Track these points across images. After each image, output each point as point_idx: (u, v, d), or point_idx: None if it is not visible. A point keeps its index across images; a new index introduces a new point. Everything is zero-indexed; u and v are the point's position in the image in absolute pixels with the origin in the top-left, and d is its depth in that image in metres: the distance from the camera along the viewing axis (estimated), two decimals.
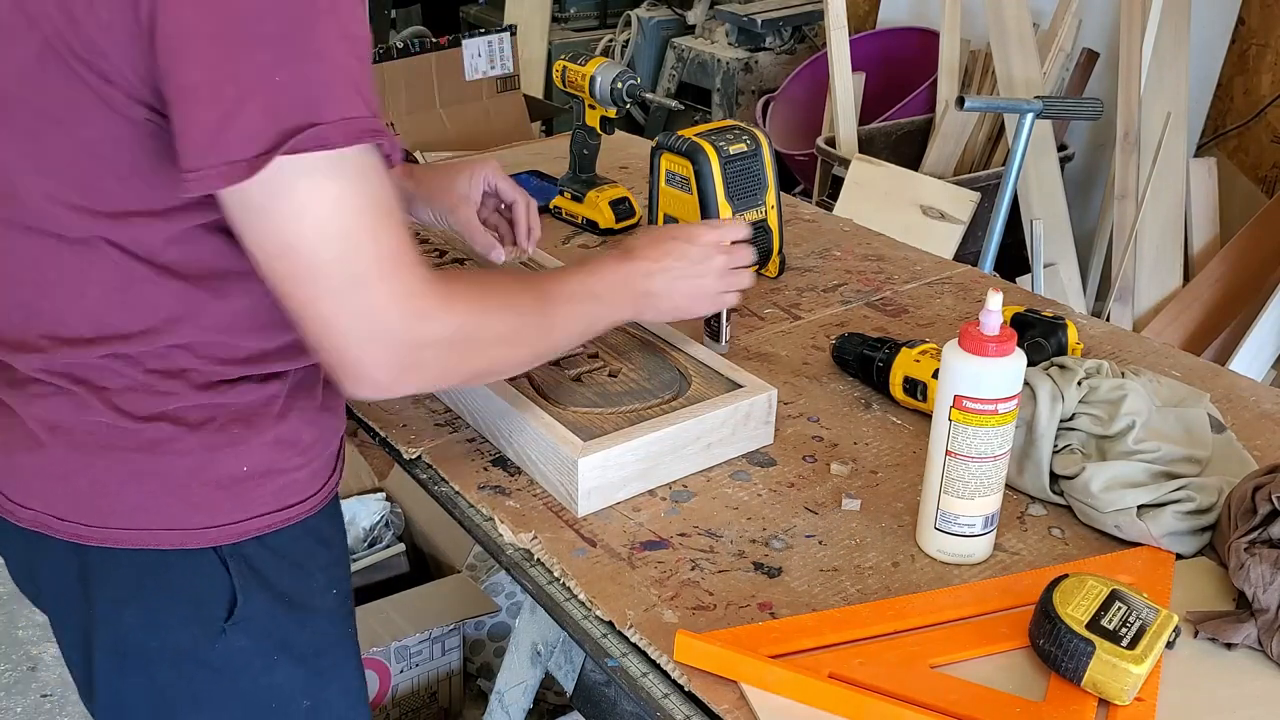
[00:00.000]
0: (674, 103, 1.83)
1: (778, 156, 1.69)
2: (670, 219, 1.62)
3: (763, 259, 1.64)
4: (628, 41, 4.26)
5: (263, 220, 0.85)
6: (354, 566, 2.10)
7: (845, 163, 3.02)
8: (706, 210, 1.56)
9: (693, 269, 1.20)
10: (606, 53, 4.23)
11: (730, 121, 1.65)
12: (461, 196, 1.41)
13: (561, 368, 1.29)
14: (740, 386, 1.26)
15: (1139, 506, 1.11)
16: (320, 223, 0.86)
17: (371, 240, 0.88)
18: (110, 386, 0.95)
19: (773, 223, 1.62)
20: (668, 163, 1.59)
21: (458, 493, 1.22)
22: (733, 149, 1.56)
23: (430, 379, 0.99)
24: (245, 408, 0.99)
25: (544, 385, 1.26)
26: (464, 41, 2.93)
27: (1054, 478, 1.18)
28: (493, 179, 1.43)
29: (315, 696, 1.10)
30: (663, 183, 1.61)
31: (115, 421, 0.95)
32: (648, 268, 1.18)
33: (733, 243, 1.25)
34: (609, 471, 1.16)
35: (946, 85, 3.17)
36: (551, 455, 1.17)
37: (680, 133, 1.58)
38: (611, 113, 1.78)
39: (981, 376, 1.03)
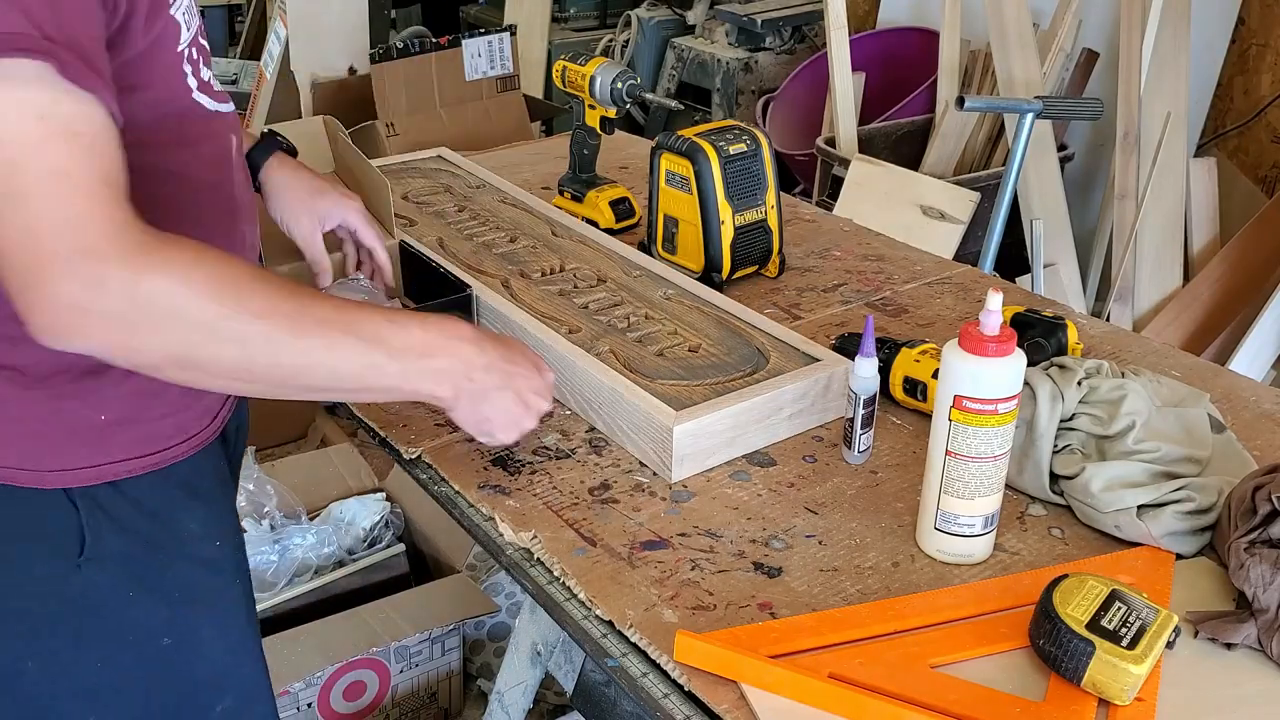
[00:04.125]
0: (674, 103, 1.83)
1: (778, 156, 1.69)
2: (670, 219, 1.62)
3: (763, 259, 1.64)
4: (628, 41, 4.26)
5: None
6: (354, 567, 2.10)
7: (845, 163, 3.02)
8: (706, 210, 1.56)
9: (525, 397, 1.11)
10: (606, 53, 4.23)
11: (730, 121, 1.65)
12: (310, 211, 1.37)
13: (643, 344, 1.36)
14: (817, 360, 1.32)
15: (1139, 506, 1.11)
16: None
17: (39, 155, 0.81)
18: None
19: (773, 223, 1.62)
20: (668, 163, 1.59)
21: (458, 493, 1.22)
22: (733, 149, 1.56)
23: (92, 339, 0.87)
24: (95, 364, 0.96)
25: (629, 360, 1.32)
26: (464, 41, 2.93)
27: (1054, 478, 1.18)
28: (353, 223, 1.41)
29: (179, 636, 1.11)
30: (663, 183, 1.61)
31: None
32: (501, 367, 1.08)
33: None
34: (700, 439, 1.22)
35: (946, 85, 3.17)
36: (645, 425, 1.22)
37: (680, 133, 1.58)
38: (611, 113, 1.78)
39: (981, 376, 1.03)
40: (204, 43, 1.06)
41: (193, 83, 1.03)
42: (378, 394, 1.05)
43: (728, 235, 1.57)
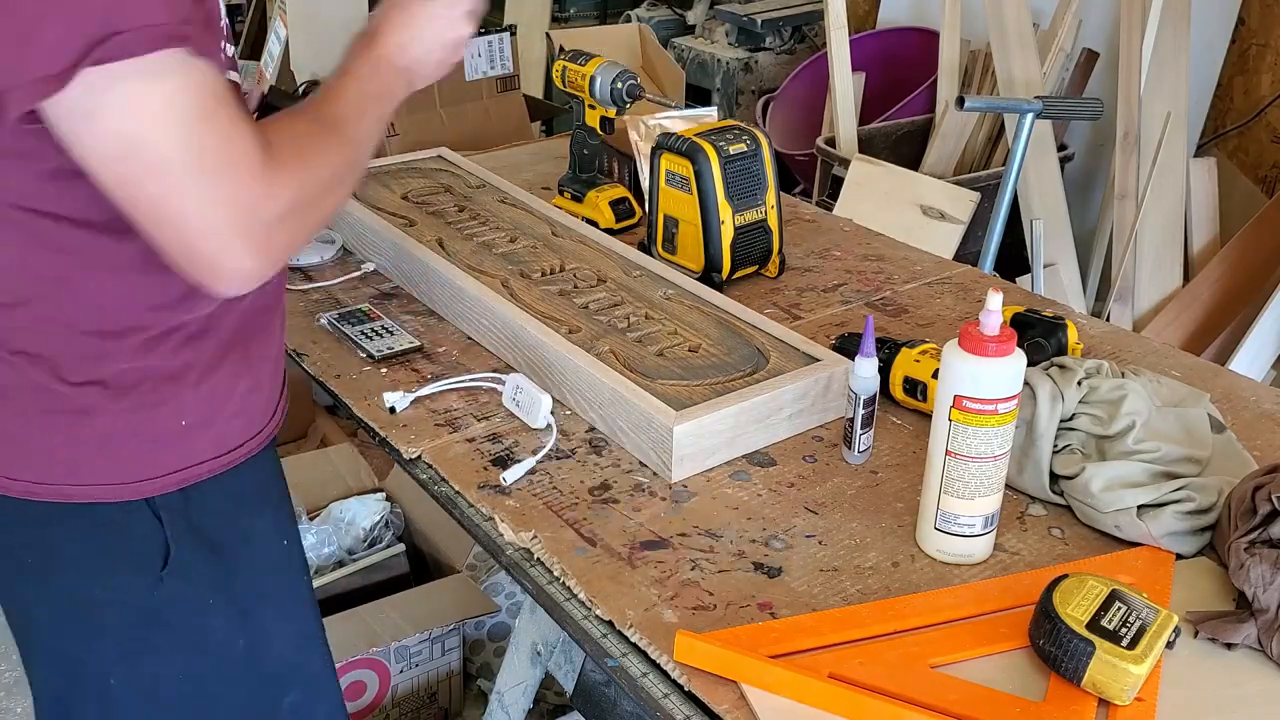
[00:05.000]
0: (674, 102, 1.83)
1: (778, 156, 1.69)
2: (671, 219, 1.62)
3: (763, 259, 1.64)
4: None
5: (92, 125, 0.86)
6: (354, 567, 2.10)
7: (845, 163, 3.02)
8: (706, 210, 1.56)
9: (442, 23, 1.16)
10: None
11: (730, 121, 1.65)
12: None
13: (643, 344, 1.35)
14: (817, 360, 1.32)
15: (1139, 506, 1.11)
16: (155, 116, 0.86)
17: (211, 127, 0.88)
18: (44, 353, 0.98)
19: (773, 223, 1.62)
20: (668, 162, 1.59)
21: (458, 493, 1.22)
22: (733, 149, 1.56)
23: (287, 251, 0.97)
24: (176, 369, 1.02)
25: (629, 360, 1.32)
26: None
27: (1054, 478, 1.18)
28: None
29: (251, 638, 1.14)
30: (663, 182, 1.61)
31: (52, 385, 0.99)
32: (400, 41, 1.13)
33: None
34: (701, 439, 1.22)
35: (946, 85, 3.17)
36: (645, 425, 1.22)
37: (680, 133, 1.58)
38: (611, 113, 1.78)
39: (981, 376, 1.03)
40: (226, 20, 1.10)
41: (224, 58, 1.05)
42: (387, 123, 1.14)
43: (728, 235, 1.57)
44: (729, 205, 1.56)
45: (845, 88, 3.14)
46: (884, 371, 1.33)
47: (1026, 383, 1.15)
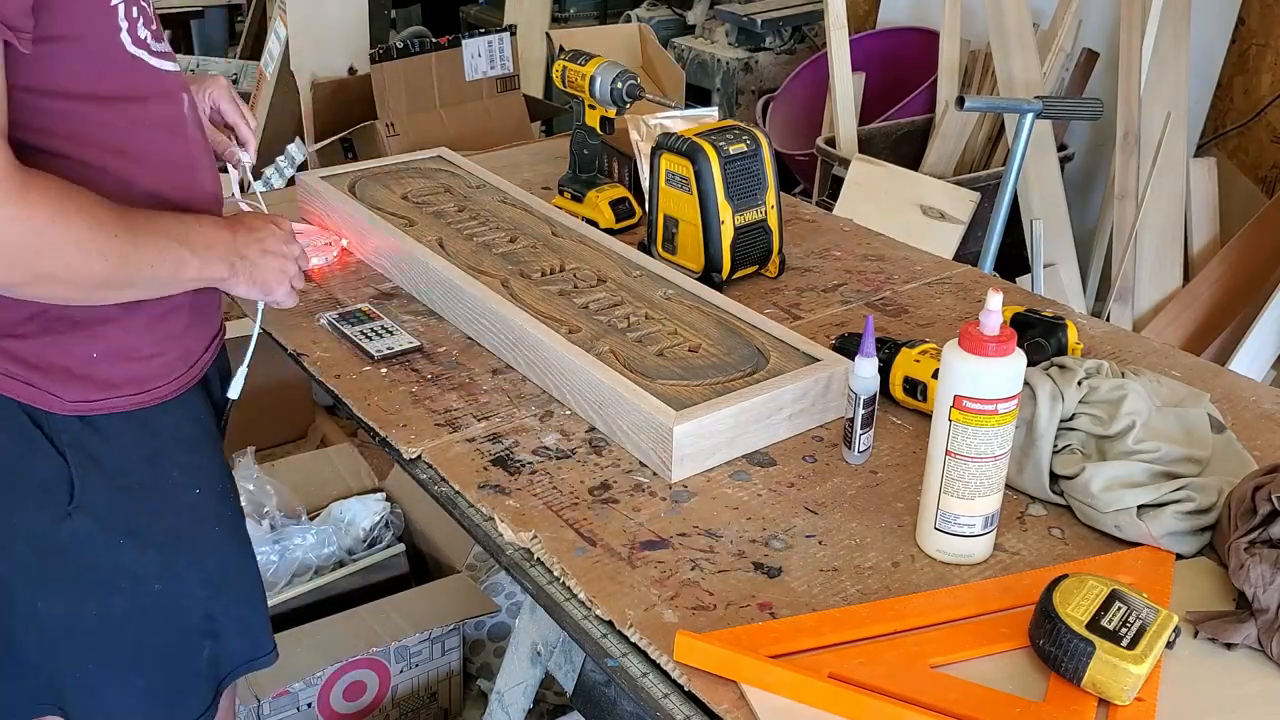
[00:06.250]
0: (673, 102, 1.83)
1: (778, 156, 1.69)
2: (671, 219, 1.62)
3: (763, 259, 1.64)
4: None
5: None
6: (354, 567, 2.10)
7: (845, 163, 3.02)
8: (706, 210, 1.55)
9: (283, 247, 1.23)
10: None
11: (730, 121, 1.65)
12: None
13: (643, 344, 1.36)
14: (817, 360, 1.32)
15: (1139, 506, 1.11)
16: None
17: None
18: None
19: (773, 223, 1.62)
20: (668, 163, 1.59)
21: (458, 493, 1.22)
22: (733, 149, 1.56)
23: None
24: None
25: (629, 360, 1.32)
26: (464, 41, 2.93)
27: (1054, 478, 1.18)
28: (218, 98, 1.45)
29: (167, 582, 1.19)
30: (663, 183, 1.61)
31: None
32: (248, 238, 1.19)
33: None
34: (701, 439, 1.22)
35: (946, 85, 3.17)
36: (645, 425, 1.22)
37: (680, 133, 1.58)
38: (611, 112, 1.78)
39: (981, 376, 1.03)
40: (145, 5, 1.12)
41: (127, 38, 1.08)
42: (185, 284, 1.14)
43: (728, 235, 1.57)
44: (729, 205, 1.56)
45: (845, 88, 3.14)
46: (884, 371, 1.33)
47: (1026, 383, 1.15)
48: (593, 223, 1.77)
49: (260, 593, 1.35)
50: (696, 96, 4.04)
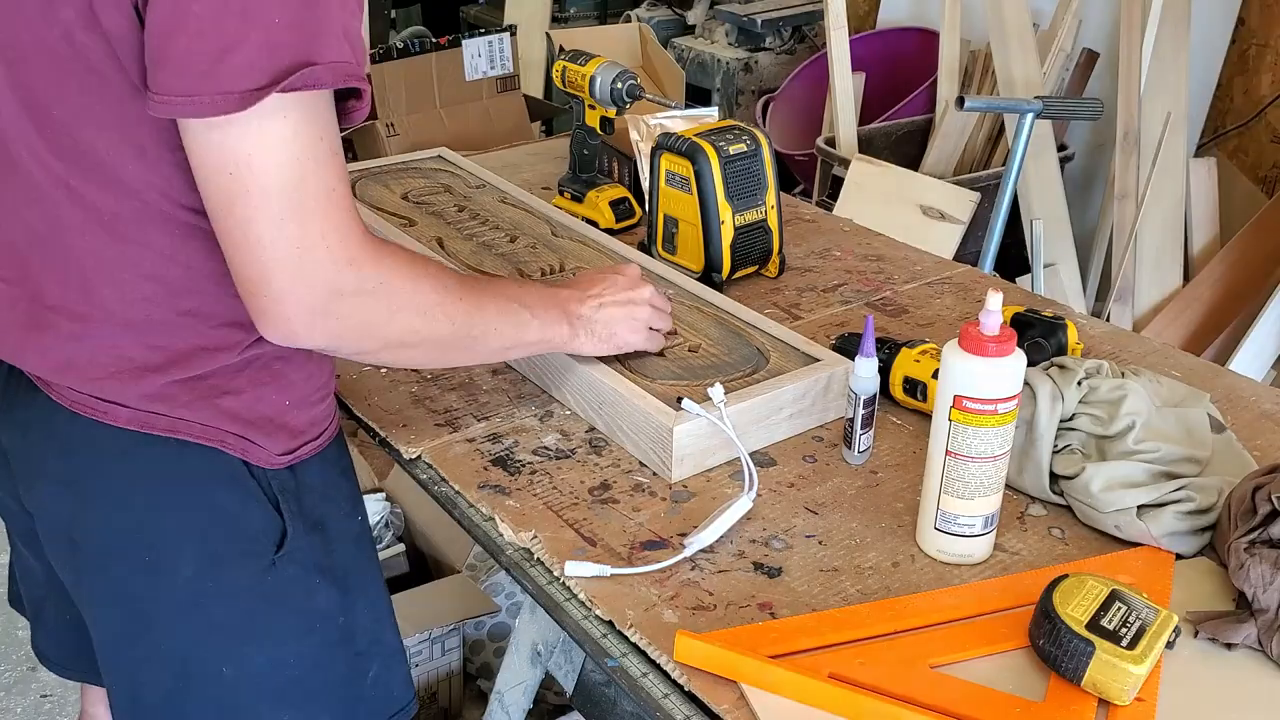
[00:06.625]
0: (674, 102, 1.83)
1: (778, 156, 1.69)
2: (671, 219, 1.62)
3: (762, 259, 1.64)
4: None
5: (226, 139, 0.88)
6: None
7: (845, 163, 3.02)
8: (706, 210, 1.55)
9: (623, 295, 1.26)
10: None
11: (730, 121, 1.65)
12: None
13: None
14: (817, 360, 1.32)
15: (1139, 506, 1.11)
16: (278, 145, 0.89)
17: (318, 173, 0.91)
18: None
19: (773, 223, 1.62)
20: (668, 163, 1.59)
21: (458, 493, 1.22)
22: (733, 149, 1.56)
23: (343, 332, 0.98)
24: (285, 351, 1.05)
25: (629, 360, 1.32)
26: (464, 41, 2.93)
27: (1054, 478, 1.18)
28: None
29: (348, 614, 1.17)
30: (663, 183, 1.61)
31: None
32: (579, 295, 1.23)
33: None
34: (700, 440, 1.21)
35: (946, 85, 3.17)
36: (644, 425, 1.23)
37: (680, 133, 1.58)
38: (611, 113, 1.78)
39: (981, 376, 1.03)
40: None
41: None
42: (520, 349, 1.19)
43: (728, 235, 1.57)
44: (729, 205, 1.56)
45: (845, 88, 3.14)
46: (884, 371, 1.33)
47: (1026, 383, 1.15)
48: (592, 223, 1.77)
49: (394, 613, 1.29)
50: (696, 96, 4.04)
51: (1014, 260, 2.97)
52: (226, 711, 1.12)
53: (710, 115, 1.90)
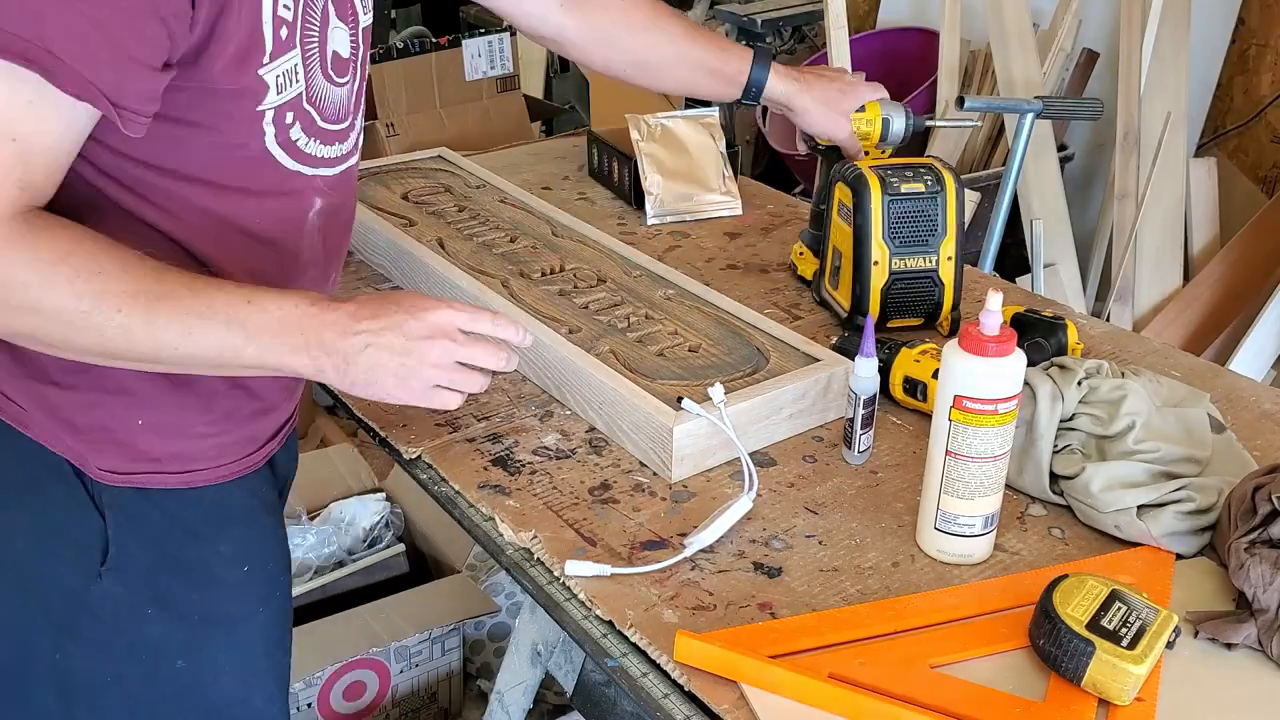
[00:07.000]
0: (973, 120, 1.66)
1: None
2: (837, 252, 1.49)
3: (930, 314, 1.48)
4: None
5: None
6: (354, 567, 2.10)
7: None
8: (860, 246, 1.43)
9: (400, 341, 0.99)
10: None
11: (927, 159, 1.48)
12: (844, 115, 1.56)
13: (643, 344, 1.36)
14: (817, 360, 1.32)
15: (1139, 506, 1.11)
16: None
17: None
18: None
19: (946, 275, 1.44)
20: (840, 193, 1.47)
21: (458, 493, 1.22)
22: (905, 187, 1.42)
23: None
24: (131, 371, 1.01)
25: (629, 360, 1.32)
26: (464, 41, 2.93)
27: (1054, 478, 1.18)
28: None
29: (193, 660, 1.11)
30: (835, 215, 1.49)
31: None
32: (352, 326, 0.98)
33: (477, 336, 1.04)
34: (700, 440, 1.21)
35: (946, 85, 3.17)
36: (645, 425, 1.22)
37: (856, 163, 1.47)
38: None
39: (981, 376, 1.03)
40: (310, 110, 1.03)
41: (270, 139, 1.00)
42: (240, 370, 0.99)
43: (879, 278, 1.43)
44: (885, 246, 1.42)
45: None
46: (884, 371, 1.33)
47: (1026, 383, 1.15)
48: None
49: (285, 689, 1.23)
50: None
51: (1014, 260, 2.97)
52: (63, 694, 1.09)
53: (710, 115, 1.89)
